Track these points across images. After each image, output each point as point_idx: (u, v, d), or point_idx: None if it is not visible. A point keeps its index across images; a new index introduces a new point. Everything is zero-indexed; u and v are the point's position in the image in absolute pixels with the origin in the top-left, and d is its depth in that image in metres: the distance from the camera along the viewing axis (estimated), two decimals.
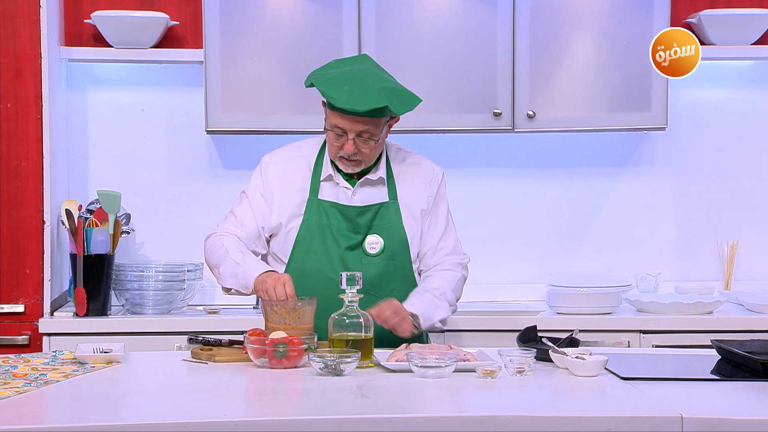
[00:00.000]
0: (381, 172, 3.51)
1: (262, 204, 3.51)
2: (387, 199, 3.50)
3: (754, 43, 4.73)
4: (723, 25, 4.64)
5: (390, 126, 3.47)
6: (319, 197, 3.48)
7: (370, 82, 3.38)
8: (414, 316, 3.37)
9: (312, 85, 3.42)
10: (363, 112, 3.32)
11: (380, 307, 3.31)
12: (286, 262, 3.50)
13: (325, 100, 3.41)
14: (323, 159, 3.51)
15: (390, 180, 3.52)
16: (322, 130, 3.48)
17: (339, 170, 3.49)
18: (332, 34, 4.50)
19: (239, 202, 3.56)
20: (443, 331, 4.32)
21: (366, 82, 3.38)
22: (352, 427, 2.50)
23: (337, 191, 3.49)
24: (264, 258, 3.56)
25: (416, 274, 3.57)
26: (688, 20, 4.75)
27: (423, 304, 3.41)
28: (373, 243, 3.48)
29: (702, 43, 4.21)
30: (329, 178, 3.49)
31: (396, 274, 3.49)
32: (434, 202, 3.56)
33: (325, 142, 3.51)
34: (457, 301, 3.57)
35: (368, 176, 3.49)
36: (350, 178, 3.50)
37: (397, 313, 3.33)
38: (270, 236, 3.53)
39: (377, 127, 3.38)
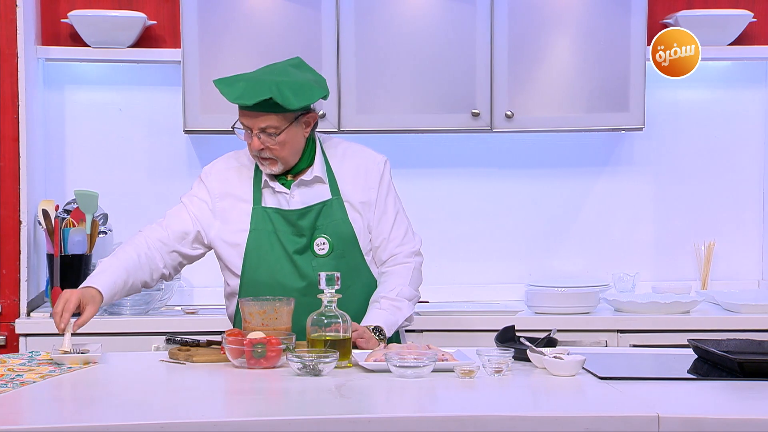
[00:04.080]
0: (317, 170, 3.44)
1: (196, 208, 3.47)
2: (329, 197, 3.45)
3: (731, 44, 4.75)
4: (700, 25, 4.65)
5: (308, 123, 3.39)
6: (263, 205, 3.44)
7: (270, 77, 3.33)
8: (377, 329, 3.33)
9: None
10: (251, 105, 3.28)
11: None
12: (239, 274, 3.46)
13: None
14: None
15: (330, 177, 3.46)
16: None
17: (277, 176, 3.45)
18: (311, 33, 4.50)
19: (173, 206, 3.54)
20: (422, 331, 4.33)
21: (264, 77, 3.33)
22: (330, 427, 2.50)
23: (277, 197, 3.43)
24: (225, 269, 3.50)
25: (371, 267, 3.50)
26: (665, 20, 4.77)
27: (383, 313, 3.37)
28: (321, 244, 3.43)
29: None
30: (266, 184, 3.44)
31: (349, 272, 3.39)
32: (380, 192, 3.49)
33: None
34: (418, 289, 3.51)
35: (302, 177, 3.43)
36: (286, 180, 3.45)
37: (364, 338, 3.29)
38: (207, 243, 3.48)
39: (281, 122, 3.32)
